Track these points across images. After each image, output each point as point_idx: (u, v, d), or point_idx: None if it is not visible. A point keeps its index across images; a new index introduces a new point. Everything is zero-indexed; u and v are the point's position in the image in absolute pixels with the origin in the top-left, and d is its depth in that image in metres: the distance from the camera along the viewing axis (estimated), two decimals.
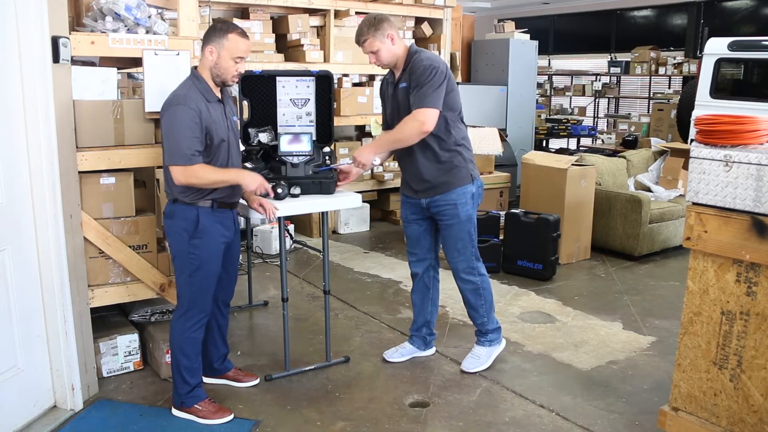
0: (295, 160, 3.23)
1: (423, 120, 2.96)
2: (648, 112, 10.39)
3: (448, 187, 3.16)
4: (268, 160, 3.29)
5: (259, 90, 3.47)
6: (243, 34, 2.73)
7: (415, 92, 3.00)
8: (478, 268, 3.31)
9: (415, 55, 3.09)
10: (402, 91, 3.11)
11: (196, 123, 2.63)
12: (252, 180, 2.79)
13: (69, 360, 2.91)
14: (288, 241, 5.22)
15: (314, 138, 3.48)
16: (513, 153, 7.19)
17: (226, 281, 3.06)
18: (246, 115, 3.45)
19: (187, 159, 2.62)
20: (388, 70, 3.25)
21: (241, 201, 3.02)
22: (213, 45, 2.70)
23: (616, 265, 5.32)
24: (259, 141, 3.33)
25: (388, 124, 3.29)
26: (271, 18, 5.82)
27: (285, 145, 3.24)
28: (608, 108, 12.40)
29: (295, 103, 3.52)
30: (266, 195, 2.94)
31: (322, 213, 3.38)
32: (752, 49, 6.98)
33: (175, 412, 2.93)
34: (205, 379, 3.11)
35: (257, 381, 3.22)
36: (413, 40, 6.78)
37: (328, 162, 3.31)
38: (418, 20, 6.80)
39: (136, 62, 3.18)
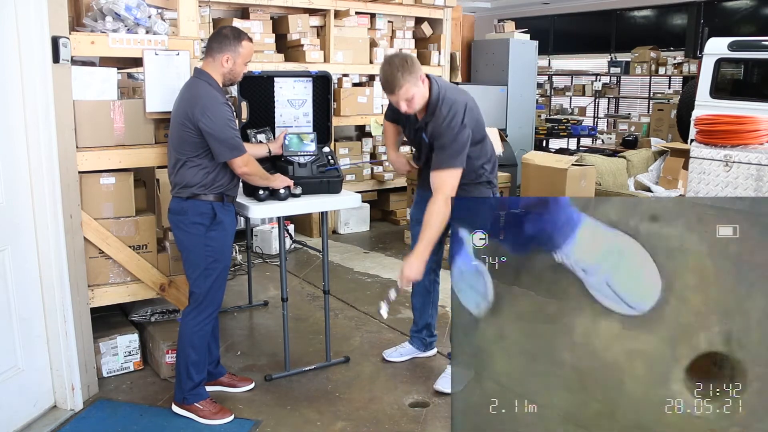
0: (302, 160, 3.23)
1: (447, 194, 2.75)
2: (648, 112, 10.39)
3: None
4: (273, 161, 3.28)
5: (257, 91, 3.46)
6: (250, 38, 2.85)
7: (438, 151, 2.80)
8: None
9: (438, 104, 2.82)
10: (427, 137, 2.93)
11: (232, 119, 2.76)
12: (281, 180, 3.07)
13: (69, 360, 2.91)
14: (288, 241, 5.21)
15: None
16: (513, 153, 7.18)
17: None
18: (245, 116, 3.45)
19: (243, 149, 2.79)
20: None
21: (240, 201, 3.03)
22: (229, 53, 2.77)
23: None
24: (260, 142, 3.33)
25: (414, 145, 3.16)
26: (271, 18, 5.82)
27: (291, 145, 3.24)
28: (608, 108, 12.40)
29: (292, 104, 3.52)
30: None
31: (322, 213, 3.38)
32: (752, 49, 6.98)
33: (175, 408, 2.92)
34: None
35: (252, 385, 3.20)
36: (414, 40, 6.79)
37: (331, 162, 3.31)
38: (418, 20, 6.79)
39: (136, 62, 3.18)
